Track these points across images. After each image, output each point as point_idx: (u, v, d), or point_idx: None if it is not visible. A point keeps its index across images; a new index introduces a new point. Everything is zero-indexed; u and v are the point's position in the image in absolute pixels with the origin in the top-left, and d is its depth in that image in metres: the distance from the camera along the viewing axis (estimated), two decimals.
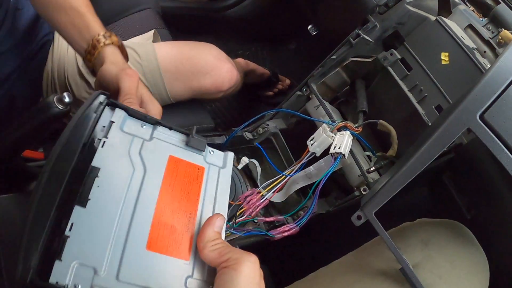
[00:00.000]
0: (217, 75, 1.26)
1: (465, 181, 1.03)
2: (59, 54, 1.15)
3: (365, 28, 1.02)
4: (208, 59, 1.26)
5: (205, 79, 1.24)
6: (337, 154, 0.90)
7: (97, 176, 0.70)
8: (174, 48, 1.25)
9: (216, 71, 1.26)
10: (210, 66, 1.25)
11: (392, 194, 0.71)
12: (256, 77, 1.79)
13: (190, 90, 1.25)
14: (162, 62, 1.19)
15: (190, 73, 1.23)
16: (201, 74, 1.24)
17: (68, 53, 1.15)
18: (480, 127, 0.67)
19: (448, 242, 0.86)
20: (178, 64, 1.22)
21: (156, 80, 1.18)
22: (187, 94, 1.26)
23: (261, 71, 1.79)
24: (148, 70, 1.17)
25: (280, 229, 0.94)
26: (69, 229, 0.63)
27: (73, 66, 1.15)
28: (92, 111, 0.75)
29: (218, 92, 1.29)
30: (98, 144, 0.74)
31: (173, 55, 1.22)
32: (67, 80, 1.14)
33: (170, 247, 0.71)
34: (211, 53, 1.27)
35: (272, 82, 1.87)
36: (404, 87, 1.01)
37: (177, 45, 1.27)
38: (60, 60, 1.15)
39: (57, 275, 0.59)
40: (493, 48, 1.04)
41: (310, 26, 1.89)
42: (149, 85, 1.18)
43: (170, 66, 1.21)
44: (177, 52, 1.24)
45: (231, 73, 1.29)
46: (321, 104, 1.04)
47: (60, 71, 1.14)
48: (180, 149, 0.85)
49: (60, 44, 1.16)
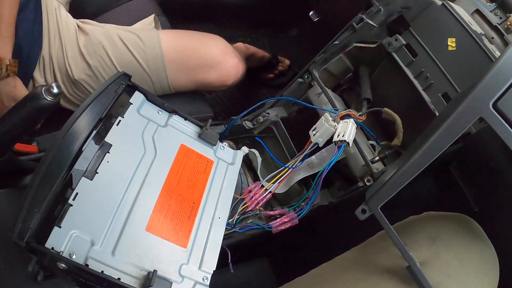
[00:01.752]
0: (222, 69, 1.23)
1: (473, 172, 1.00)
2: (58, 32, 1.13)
3: (368, 12, 0.99)
4: (215, 52, 1.22)
5: (210, 73, 1.22)
6: (341, 142, 0.87)
7: (108, 152, 0.73)
8: (179, 37, 1.22)
9: (222, 65, 1.23)
10: (217, 59, 1.22)
11: (399, 187, 0.69)
12: (256, 60, 1.76)
13: (193, 82, 1.22)
14: (166, 51, 1.16)
15: (195, 65, 1.20)
16: (206, 68, 1.21)
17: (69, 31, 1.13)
18: (493, 116, 0.64)
19: (457, 238, 0.83)
20: (183, 55, 1.19)
21: (158, 68, 1.16)
22: (190, 86, 1.23)
23: (261, 54, 1.77)
24: (151, 57, 1.15)
25: (278, 220, 0.93)
26: (73, 198, 0.64)
27: (73, 46, 1.12)
28: (113, 89, 0.78)
29: (222, 86, 1.26)
30: (114, 122, 0.78)
31: (178, 45, 1.19)
32: (67, 61, 1.11)
33: (170, 233, 0.73)
34: (218, 46, 1.24)
35: (272, 64, 1.85)
36: (409, 74, 0.98)
37: (182, 35, 1.24)
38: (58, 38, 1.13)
39: (54, 240, 0.60)
40: (502, 34, 1.01)
41: (311, 12, 1.87)
42: (150, 72, 1.15)
43: (175, 56, 1.18)
44: (183, 43, 1.21)
45: (237, 68, 1.26)
46: (323, 91, 1.01)
47: (58, 51, 1.12)
48: (192, 140, 0.89)
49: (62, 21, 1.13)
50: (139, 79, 1.15)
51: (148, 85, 1.17)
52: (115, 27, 1.18)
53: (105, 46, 1.11)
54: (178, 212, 0.76)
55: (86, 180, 0.68)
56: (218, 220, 0.81)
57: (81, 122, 0.69)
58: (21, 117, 0.66)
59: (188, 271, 0.70)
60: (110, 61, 1.12)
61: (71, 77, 1.11)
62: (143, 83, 1.16)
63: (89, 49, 1.11)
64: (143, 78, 1.16)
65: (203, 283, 0.71)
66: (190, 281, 0.70)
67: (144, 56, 1.15)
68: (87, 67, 1.11)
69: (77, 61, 1.11)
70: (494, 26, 1.02)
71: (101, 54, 1.11)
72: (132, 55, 1.13)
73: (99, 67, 1.11)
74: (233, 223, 0.90)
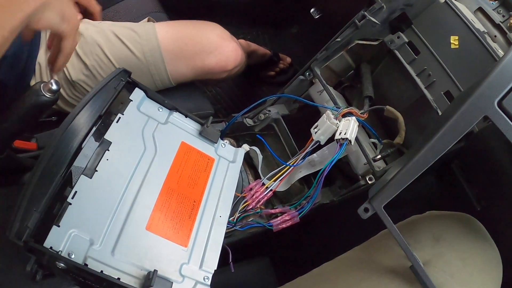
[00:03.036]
0: (221, 54, 1.22)
1: (475, 171, 1.00)
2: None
3: (371, 9, 0.98)
4: (212, 38, 1.21)
5: (209, 58, 1.20)
6: (343, 140, 0.87)
7: (107, 150, 0.72)
8: (175, 27, 1.21)
9: (220, 50, 1.22)
10: (214, 45, 1.21)
11: (403, 186, 0.68)
12: (257, 57, 1.75)
13: (193, 70, 1.21)
14: (163, 42, 1.15)
15: (193, 52, 1.19)
16: (204, 53, 1.20)
17: None
18: (498, 114, 0.63)
19: (460, 238, 0.82)
20: (180, 43, 1.18)
21: (156, 60, 1.14)
22: (190, 75, 1.22)
23: (262, 51, 1.76)
24: (148, 49, 1.13)
25: (279, 219, 0.93)
26: (71, 197, 0.64)
27: None
28: (112, 85, 0.77)
29: (222, 71, 1.25)
30: (113, 119, 0.77)
31: (175, 34, 1.18)
32: None
33: (170, 232, 0.72)
34: (214, 31, 1.23)
35: (273, 62, 1.84)
36: (411, 71, 0.98)
37: (178, 24, 1.23)
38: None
39: (52, 240, 0.59)
40: (504, 33, 1.00)
41: (312, 10, 1.86)
42: (148, 64, 1.14)
43: (172, 45, 1.16)
44: (179, 31, 1.20)
45: (235, 52, 1.25)
46: (325, 89, 1.01)
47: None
48: (193, 137, 0.88)
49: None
50: (137, 74, 1.13)
51: (147, 79, 1.15)
52: (110, 23, 1.16)
53: (101, 44, 1.10)
54: (178, 211, 0.75)
55: (85, 178, 0.67)
56: (219, 219, 0.80)
57: (80, 119, 0.68)
58: (19, 114, 0.65)
59: (189, 271, 0.70)
60: (106, 59, 1.10)
61: (69, 79, 1.10)
62: (142, 77, 1.14)
63: (85, 49, 1.10)
64: (141, 72, 1.14)
65: (204, 282, 0.70)
66: (190, 281, 0.69)
67: (140, 48, 1.13)
68: (84, 67, 1.10)
69: (73, 62, 1.10)
70: (497, 24, 1.01)
71: (97, 52, 1.10)
72: (128, 50, 1.12)
73: (97, 66, 1.10)
74: (233, 221, 0.89)
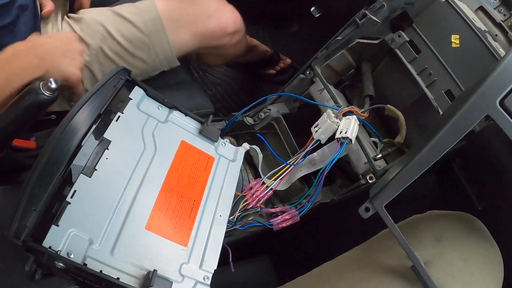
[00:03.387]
0: (220, 16, 1.24)
1: (476, 170, 0.99)
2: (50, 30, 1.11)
3: (372, 8, 0.97)
4: (210, 2, 1.24)
5: (210, 21, 1.22)
6: (343, 139, 0.87)
7: (107, 149, 0.72)
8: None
9: (219, 13, 1.24)
10: (212, 8, 1.23)
11: (405, 185, 0.68)
12: (258, 54, 1.76)
13: (194, 36, 1.21)
14: (162, 10, 1.16)
15: (192, 17, 1.20)
16: (205, 17, 1.21)
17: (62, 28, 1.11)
18: (500, 114, 0.63)
19: (462, 238, 0.82)
20: (179, 10, 1.19)
21: (157, 29, 1.14)
22: (192, 42, 1.22)
23: (263, 48, 1.77)
24: (148, 19, 1.13)
25: (280, 218, 0.92)
26: (71, 196, 0.63)
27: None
28: (112, 84, 0.77)
29: (224, 35, 1.26)
30: (113, 117, 0.76)
31: (173, 2, 1.19)
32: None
33: (170, 231, 0.72)
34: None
35: (274, 60, 1.85)
36: (412, 70, 0.97)
37: None
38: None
39: (51, 239, 0.59)
40: (505, 32, 1.00)
41: (313, 8, 1.86)
42: (150, 35, 1.13)
43: (171, 13, 1.17)
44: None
45: (234, 14, 1.28)
46: (326, 87, 1.00)
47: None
48: (193, 136, 0.88)
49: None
50: (139, 47, 1.13)
51: (149, 52, 1.15)
52: (107, 7, 1.17)
53: (102, 22, 1.10)
54: (178, 210, 0.75)
55: (84, 177, 0.66)
56: (219, 218, 0.80)
57: (79, 117, 0.68)
58: (18, 113, 0.65)
59: (189, 271, 0.69)
60: (108, 34, 1.10)
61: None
62: (144, 51, 1.14)
63: (87, 30, 1.09)
64: (143, 44, 1.13)
65: (204, 282, 0.70)
66: (190, 281, 0.69)
67: (141, 20, 1.13)
68: (86, 49, 1.10)
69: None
70: (498, 23, 1.00)
71: (100, 30, 1.09)
72: (129, 23, 1.11)
73: (100, 43, 1.09)
74: (233, 220, 0.89)
